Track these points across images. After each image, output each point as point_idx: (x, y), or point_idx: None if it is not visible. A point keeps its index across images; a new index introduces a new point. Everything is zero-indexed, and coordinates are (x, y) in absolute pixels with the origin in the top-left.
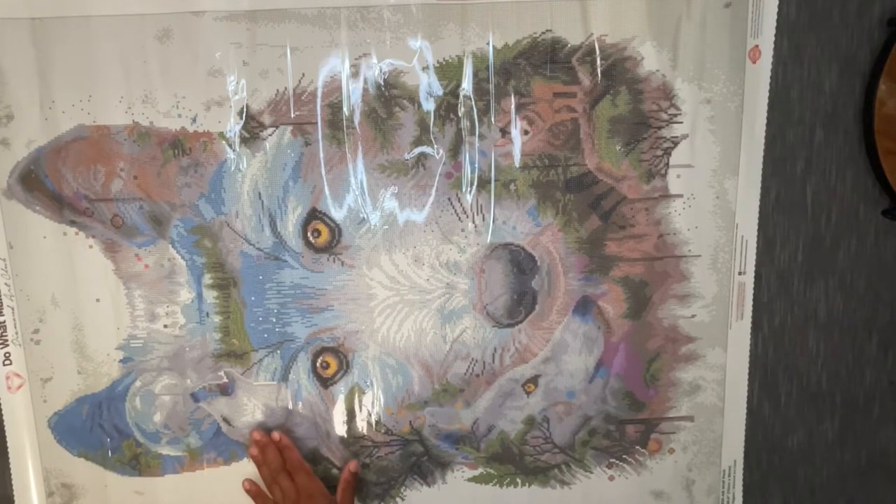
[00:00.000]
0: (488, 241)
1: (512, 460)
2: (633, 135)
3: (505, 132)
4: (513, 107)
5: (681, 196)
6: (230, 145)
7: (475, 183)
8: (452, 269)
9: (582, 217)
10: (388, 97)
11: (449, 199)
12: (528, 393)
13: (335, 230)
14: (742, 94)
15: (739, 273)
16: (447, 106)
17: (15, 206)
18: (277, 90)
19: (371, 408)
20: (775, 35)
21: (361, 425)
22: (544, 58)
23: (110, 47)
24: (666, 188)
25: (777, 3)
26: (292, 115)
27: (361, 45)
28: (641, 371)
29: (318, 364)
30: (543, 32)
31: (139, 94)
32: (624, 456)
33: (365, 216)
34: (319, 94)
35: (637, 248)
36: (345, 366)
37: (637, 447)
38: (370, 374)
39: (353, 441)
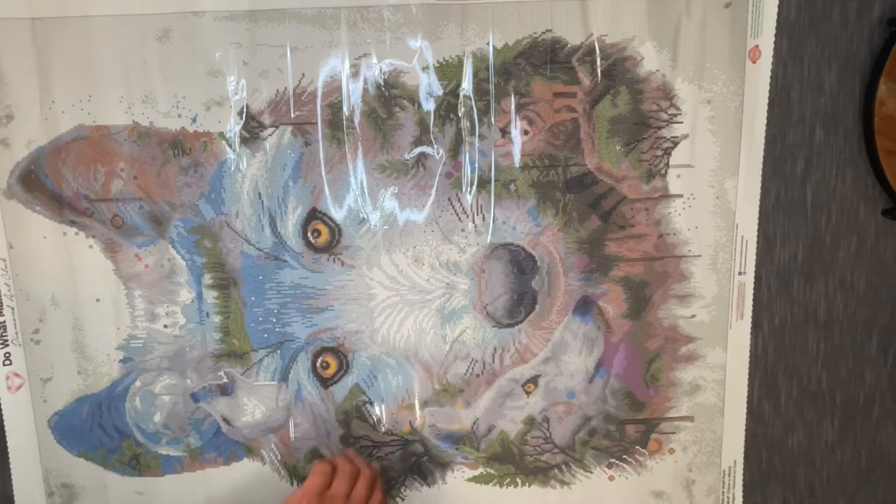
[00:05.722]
0: (488, 241)
1: (512, 460)
2: (633, 135)
3: (505, 132)
4: (513, 107)
5: (681, 196)
6: (230, 145)
7: (475, 183)
8: (452, 269)
9: (582, 217)
10: (388, 97)
11: (449, 199)
12: (528, 393)
13: (335, 230)
14: (742, 94)
15: (739, 273)
16: (447, 106)
17: (15, 206)
18: (277, 90)
19: (371, 408)
20: (775, 35)
21: (361, 425)
22: (544, 58)
23: (110, 47)
24: (666, 188)
25: (777, 3)
26: (292, 115)
27: (361, 45)
28: (641, 371)
29: (318, 364)
30: (543, 32)
31: (139, 94)
32: (624, 456)
33: (365, 216)
34: (319, 94)
35: (637, 248)
36: (345, 366)
37: (637, 447)
38: (370, 374)
39: (353, 441)
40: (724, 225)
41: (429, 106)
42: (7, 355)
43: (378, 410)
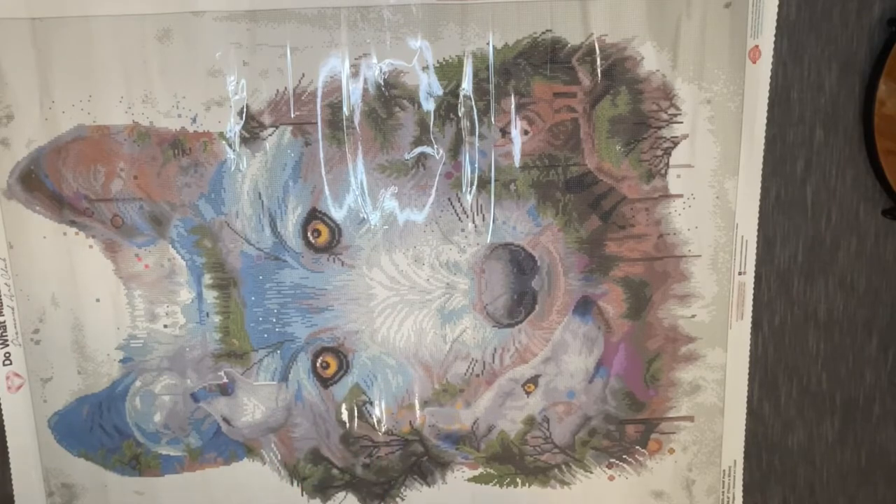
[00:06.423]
0: (488, 241)
1: (512, 460)
2: (633, 135)
3: (505, 132)
4: (513, 107)
5: (681, 196)
6: (230, 145)
7: (475, 183)
8: (452, 269)
9: (582, 217)
10: (388, 97)
11: (449, 199)
12: (528, 393)
13: (335, 230)
14: (742, 94)
15: (739, 273)
16: (447, 106)
17: (15, 206)
18: (277, 90)
19: (371, 408)
20: (775, 35)
21: (361, 425)
22: (544, 58)
23: (110, 47)
24: (666, 188)
25: (777, 3)
26: (292, 115)
27: (361, 45)
28: (641, 371)
29: (318, 364)
30: (543, 32)
31: (139, 94)
32: (624, 456)
33: (365, 216)
34: (319, 94)
35: (637, 248)
36: (345, 366)
37: (637, 447)
38: (370, 374)
39: (353, 441)
40: (724, 225)
41: (429, 106)
42: (7, 355)
43: (378, 410)
